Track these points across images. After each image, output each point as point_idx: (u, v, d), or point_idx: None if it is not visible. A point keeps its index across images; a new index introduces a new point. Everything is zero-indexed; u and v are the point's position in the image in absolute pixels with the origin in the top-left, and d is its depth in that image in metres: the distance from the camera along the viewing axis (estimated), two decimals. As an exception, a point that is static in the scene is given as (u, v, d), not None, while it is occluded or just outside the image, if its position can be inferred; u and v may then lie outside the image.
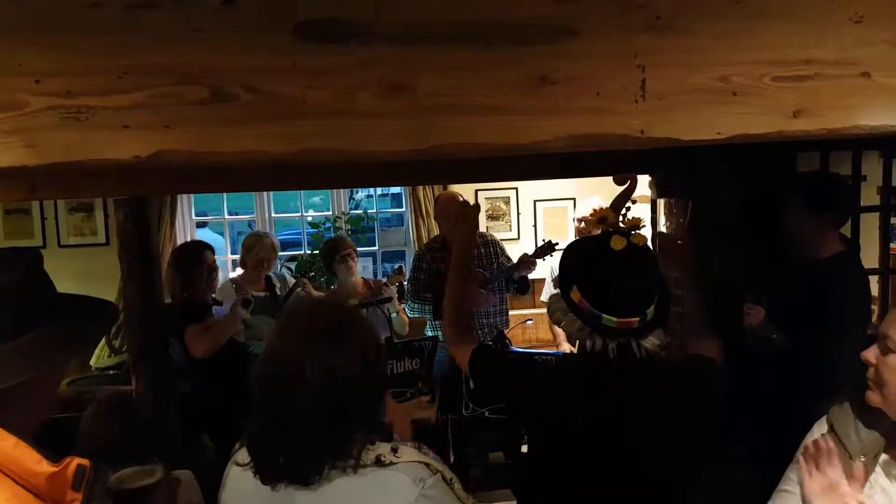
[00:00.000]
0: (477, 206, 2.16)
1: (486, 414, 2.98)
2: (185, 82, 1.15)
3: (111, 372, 4.02)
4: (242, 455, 1.26)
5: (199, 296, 3.27)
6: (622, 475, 1.56)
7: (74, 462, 1.04)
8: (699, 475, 1.67)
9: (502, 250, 3.96)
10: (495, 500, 2.64)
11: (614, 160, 2.34)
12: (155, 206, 4.01)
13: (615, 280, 1.56)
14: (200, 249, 3.33)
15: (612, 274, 1.57)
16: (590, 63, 1.27)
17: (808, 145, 2.57)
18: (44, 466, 1.01)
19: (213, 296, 3.37)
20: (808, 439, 1.41)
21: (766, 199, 2.57)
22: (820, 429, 1.43)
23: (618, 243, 1.57)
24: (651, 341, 1.57)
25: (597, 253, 1.62)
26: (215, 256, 3.42)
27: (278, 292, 3.74)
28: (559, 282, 1.67)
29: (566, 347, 4.19)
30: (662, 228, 2.84)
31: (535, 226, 5.28)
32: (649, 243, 1.66)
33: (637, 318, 1.54)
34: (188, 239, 5.24)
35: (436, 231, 4.30)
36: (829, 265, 2.37)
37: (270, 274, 3.81)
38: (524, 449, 2.82)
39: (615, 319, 1.52)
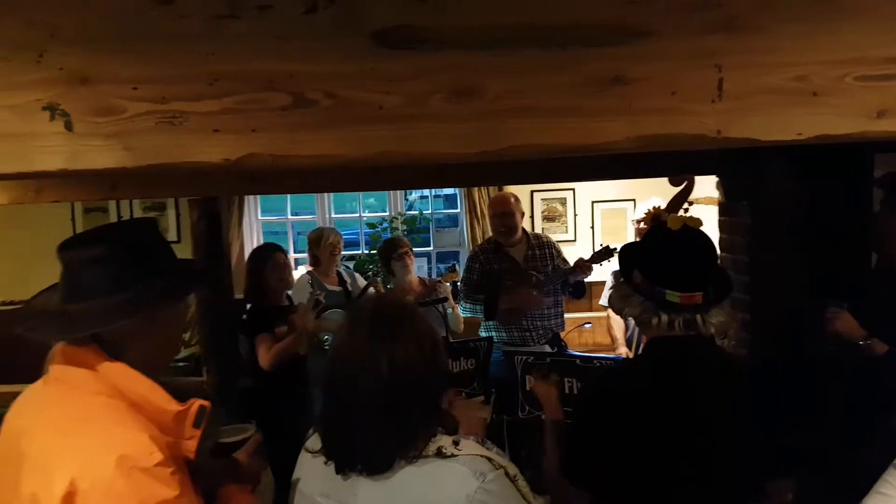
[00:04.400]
0: (556, 378, 2.09)
1: (543, 417, 2.97)
2: (270, 89, 1.19)
3: (182, 364, 4.18)
4: (313, 442, 1.33)
5: (273, 299, 3.32)
6: (686, 470, 1.56)
7: (197, 403, 1.21)
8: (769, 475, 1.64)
9: (558, 252, 3.94)
10: (548, 504, 2.64)
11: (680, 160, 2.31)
12: (224, 205, 4.16)
13: (675, 255, 1.61)
14: (271, 251, 3.39)
15: (671, 250, 1.62)
16: (664, 63, 1.26)
17: (885, 146, 2.47)
18: (173, 405, 1.19)
19: (289, 292, 3.43)
20: None
21: (843, 199, 2.49)
22: None
23: (675, 223, 1.63)
24: (717, 318, 1.59)
25: (655, 236, 1.69)
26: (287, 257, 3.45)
27: (349, 287, 3.85)
28: (620, 272, 1.72)
29: (623, 351, 4.13)
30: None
31: (592, 227, 5.22)
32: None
33: (700, 294, 1.57)
34: (255, 238, 5.42)
35: (490, 232, 4.31)
36: None
37: (340, 270, 3.93)
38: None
39: (678, 294, 1.56)
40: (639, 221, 4.01)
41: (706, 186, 3.16)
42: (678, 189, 3.11)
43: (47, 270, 1.39)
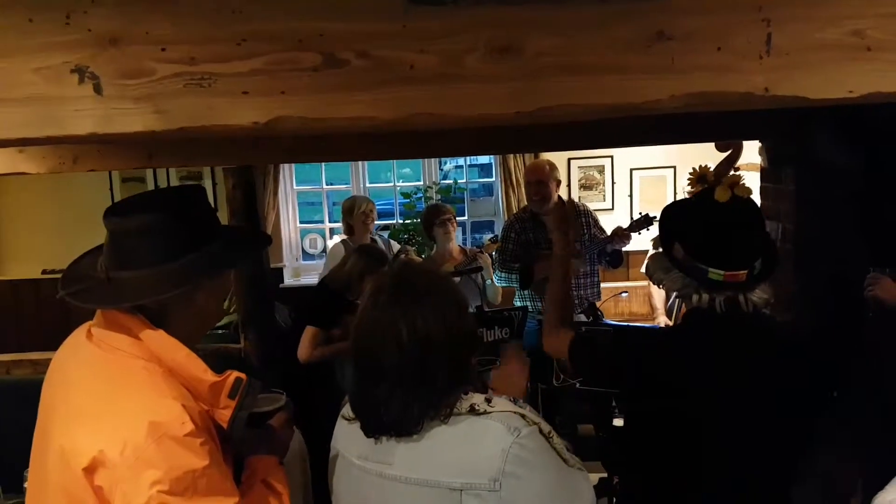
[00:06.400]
0: (571, 202, 2.18)
1: (578, 385, 2.96)
2: (300, 48, 1.16)
3: (220, 331, 4.25)
4: (348, 409, 1.34)
5: (351, 293, 3.31)
6: (725, 448, 1.52)
7: (233, 375, 1.21)
8: (807, 452, 1.60)
9: (595, 221, 3.88)
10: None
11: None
12: (259, 175, 4.19)
13: (721, 231, 1.52)
14: (382, 263, 3.38)
15: (717, 225, 1.53)
16: (710, 17, 1.19)
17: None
18: (209, 375, 1.19)
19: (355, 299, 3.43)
20: None
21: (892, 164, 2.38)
22: None
23: (722, 195, 1.53)
24: (759, 294, 1.53)
25: (700, 206, 1.59)
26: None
27: None
28: (660, 240, 1.65)
29: (663, 321, 4.08)
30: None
31: (630, 196, 5.12)
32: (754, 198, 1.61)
33: (745, 272, 1.50)
34: (290, 208, 5.46)
35: (526, 201, 4.26)
36: None
37: (375, 237, 3.94)
38: (616, 423, 2.78)
39: (722, 272, 1.49)
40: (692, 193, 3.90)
41: (748, 153, 3.05)
42: (724, 155, 3.00)
43: (88, 240, 1.39)
